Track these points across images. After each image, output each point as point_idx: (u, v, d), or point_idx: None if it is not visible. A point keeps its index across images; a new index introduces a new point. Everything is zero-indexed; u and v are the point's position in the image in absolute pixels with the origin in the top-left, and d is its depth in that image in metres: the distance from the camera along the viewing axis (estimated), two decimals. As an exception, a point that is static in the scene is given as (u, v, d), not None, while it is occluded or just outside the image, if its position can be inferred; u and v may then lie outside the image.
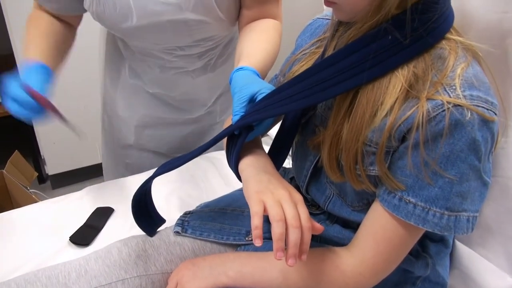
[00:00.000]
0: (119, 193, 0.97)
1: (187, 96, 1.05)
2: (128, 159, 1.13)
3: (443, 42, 0.49)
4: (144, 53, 0.95)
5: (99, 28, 0.98)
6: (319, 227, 0.51)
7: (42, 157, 1.99)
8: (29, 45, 0.80)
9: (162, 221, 0.73)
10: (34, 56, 0.76)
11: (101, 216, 0.88)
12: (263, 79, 0.73)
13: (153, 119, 1.07)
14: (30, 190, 1.51)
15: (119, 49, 1.02)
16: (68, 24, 0.88)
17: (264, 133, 0.63)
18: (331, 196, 0.64)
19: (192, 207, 0.83)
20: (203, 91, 1.06)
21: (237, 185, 0.96)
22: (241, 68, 0.67)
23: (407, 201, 0.50)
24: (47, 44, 0.81)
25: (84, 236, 0.82)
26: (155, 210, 0.72)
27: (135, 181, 1.00)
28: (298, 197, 0.52)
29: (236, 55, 0.77)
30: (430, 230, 0.51)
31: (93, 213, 0.88)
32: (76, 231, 0.83)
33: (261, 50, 0.74)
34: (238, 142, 0.60)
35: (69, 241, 0.81)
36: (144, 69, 1.00)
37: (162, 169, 0.64)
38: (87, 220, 0.86)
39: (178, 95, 1.04)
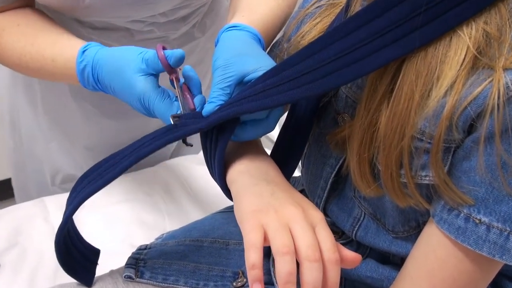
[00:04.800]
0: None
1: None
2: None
3: None
4: (95, 26, 0.91)
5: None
6: (353, 257, 0.51)
7: None
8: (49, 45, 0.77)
9: (97, 253, 0.74)
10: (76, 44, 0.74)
11: None
12: (268, 46, 0.73)
13: (104, 134, 1.05)
14: None
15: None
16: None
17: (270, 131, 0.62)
18: (362, 218, 0.64)
19: (148, 239, 0.82)
20: None
21: (216, 206, 0.96)
22: (234, 27, 0.67)
23: (477, 221, 0.51)
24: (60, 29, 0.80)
25: None
26: (86, 243, 0.73)
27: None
28: (317, 215, 0.52)
29: (230, 7, 0.76)
30: (511, 264, 0.51)
31: None
32: None
33: (267, 0, 0.73)
34: (220, 141, 0.59)
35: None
36: None
37: (90, 190, 0.62)
38: None
39: None
